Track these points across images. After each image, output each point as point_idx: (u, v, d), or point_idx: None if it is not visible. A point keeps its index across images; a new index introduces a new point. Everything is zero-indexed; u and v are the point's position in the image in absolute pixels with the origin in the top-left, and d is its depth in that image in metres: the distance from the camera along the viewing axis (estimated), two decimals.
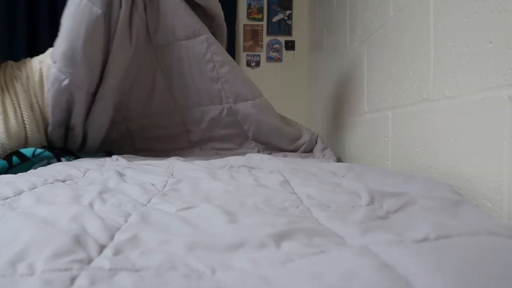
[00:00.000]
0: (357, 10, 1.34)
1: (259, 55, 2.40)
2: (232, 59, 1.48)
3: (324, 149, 1.43)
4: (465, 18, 0.70)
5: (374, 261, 0.32)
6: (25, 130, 1.27)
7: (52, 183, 0.75)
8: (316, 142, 1.48)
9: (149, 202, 0.61)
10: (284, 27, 2.40)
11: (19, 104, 1.27)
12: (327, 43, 1.86)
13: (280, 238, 0.40)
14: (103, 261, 0.34)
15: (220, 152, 1.50)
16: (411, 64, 0.91)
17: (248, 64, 2.39)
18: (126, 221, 0.48)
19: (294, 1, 2.40)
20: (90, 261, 0.34)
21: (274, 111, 1.51)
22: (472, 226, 0.41)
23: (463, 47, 0.71)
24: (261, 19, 2.39)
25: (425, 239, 0.39)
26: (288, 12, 2.40)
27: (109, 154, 1.46)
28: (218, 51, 1.40)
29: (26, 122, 1.27)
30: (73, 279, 0.30)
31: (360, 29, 1.31)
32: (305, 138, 1.48)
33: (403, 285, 0.29)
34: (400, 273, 0.30)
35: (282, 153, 1.44)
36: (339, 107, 1.58)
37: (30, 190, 0.67)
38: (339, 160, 1.54)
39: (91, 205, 0.58)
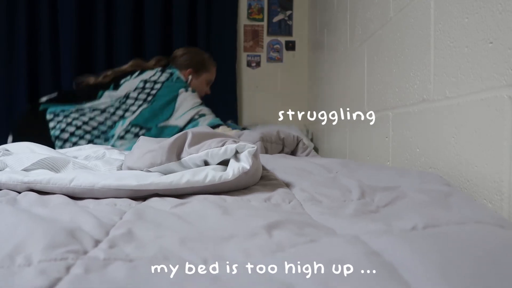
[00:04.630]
0: (358, 11, 1.34)
1: (259, 56, 2.40)
2: None
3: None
4: (466, 18, 0.70)
5: (362, 249, 0.33)
6: None
7: None
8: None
9: None
10: (284, 28, 2.40)
11: None
12: (327, 43, 1.86)
13: (271, 228, 0.41)
14: (98, 252, 0.35)
15: None
16: (412, 65, 0.91)
17: (249, 64, 2.39)
18: (121, 218, 0.49)
19: (295, 1, 2.40)
20: (85, 252, 0.35)
21: None
22: (460, 215, 0.42)
23: (464, 47, 0.71)
24: (262, 20, 2.39)
25: (413, 229, 0.40)
26: (288, 13, 2.40)
27: None
28: None
29: None
30: (68, 268, 0.31)
31: (360, 29, 1.31)
32: None
33: (389, 270, 0.30)
34: (387, 260, 0.31)
35: None
36: (340, 107, 1.58)
37: None
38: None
39: (86, 204, 0.58)
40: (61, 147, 1.51)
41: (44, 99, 1.69)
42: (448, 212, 0.45)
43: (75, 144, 1.53)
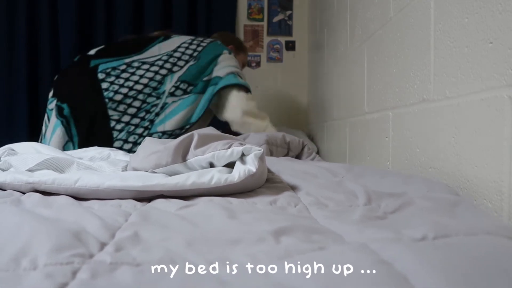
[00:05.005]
0: (358, 11, 1.34)
1: (259, 56, 2.40)
2: None
3: None
4: (466, 18, 0.70)
5: (372, 258, 0.33)
6: None
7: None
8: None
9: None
10: (284, 28, 2.41)
11: None
12: (327, 43, 1.86)
13: (278, 234, 0.40)
14: (104, 256, 0.35)
15: None
16: (412, 65, 0.91)
17: (249, 64, 2.39)
18: (126, 220, 0.48)
19: (295, 1, 2.40)
20: (91, 256, 0.35)
21: None
22: (469, 226, 0.42)
23: (464, 47, 0.71)
24: (262, 20, 2.40)
25: (423, 238, 0.39)
26: (288, 13, 2.41)
27: None
28: None
29: None
30: (74, 273, 0.31)
31: (360, 29, 1.31)
32: None
33: (400, 280, 0.29)
34: (398, 270, 0.31)
35: None
36: (340, 107, 1.59)
37: None
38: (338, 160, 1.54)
39: (90, 206, 0.58)
40: (114, 109, 1.50)
41: (92, 52, 1.65)
42: (457, 221, 0.45)
43: (129, 105, 1.51)
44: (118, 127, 1.49)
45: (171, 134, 1.54)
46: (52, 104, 1.54)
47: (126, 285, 0.29)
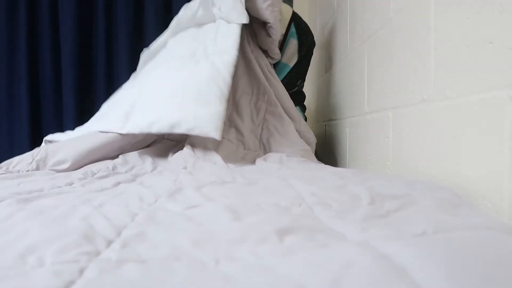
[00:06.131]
0: (358, 11, 1.34)
1: None
2: None
3: None
4: (466, 18, 0.70)
5: (372, 252, 0.34)
6: None
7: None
8: None
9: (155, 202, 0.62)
10: None
11: None
12: (327, 43, 1.86)
13: (282, 233, 0.41)
14: (110, 253, 0.35)
15: None
16: (412, 65, 0.91)
17: None
18: (133, 220, 0.49)
19: (295, 1, 2.40)
20: (98, 253, 0.35)
21: None
22: (470, 222, 0.43)
23: (464, 47, 0.71)
24: None
25: (423, 233, 0.40)
26: None
27: None
28: None
29: None
30: (81, 271, 0.31)
31: (360, 29, 1.31)
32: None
33: (399, 272, 0.30)
34: (397, 263, 0.32)
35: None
36: (340, 107, 1.59)
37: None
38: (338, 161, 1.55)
39: (99, 206, 0.58)
40: None
41: None
42: (458, 218, 0.46)
43: None
44: None
45: None
46: None
47: (132, 281, 0.30)
